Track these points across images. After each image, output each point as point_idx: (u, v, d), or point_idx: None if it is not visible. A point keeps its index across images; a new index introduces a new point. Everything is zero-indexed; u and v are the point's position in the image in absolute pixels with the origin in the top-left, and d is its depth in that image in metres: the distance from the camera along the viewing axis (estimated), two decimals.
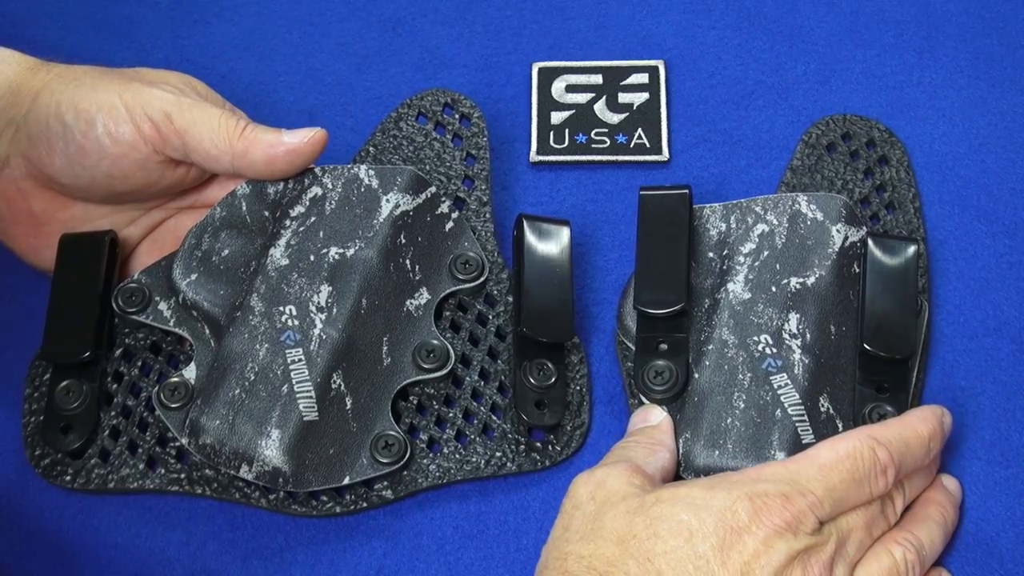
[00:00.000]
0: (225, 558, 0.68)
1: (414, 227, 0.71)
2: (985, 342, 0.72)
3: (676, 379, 0.67)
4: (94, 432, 0.69)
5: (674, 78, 0.82)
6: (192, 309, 0.69)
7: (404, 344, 0.69)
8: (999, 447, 0.69)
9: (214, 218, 0.71)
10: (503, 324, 0.71)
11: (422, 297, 0.70)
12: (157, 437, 0.69)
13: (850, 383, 0.67)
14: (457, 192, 0.75)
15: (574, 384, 0.70)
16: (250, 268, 0.69)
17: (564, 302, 0.68)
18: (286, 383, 0.65)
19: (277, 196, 0.71)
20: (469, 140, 0.76)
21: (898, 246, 0.67)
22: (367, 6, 0.86)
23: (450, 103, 0.77)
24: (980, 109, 0.80)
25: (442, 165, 0.75)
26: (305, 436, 0.65)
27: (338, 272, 0.68)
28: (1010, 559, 0.66)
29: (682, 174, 0.78)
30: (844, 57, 0.82)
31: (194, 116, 0.68)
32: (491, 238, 0.73)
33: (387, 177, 0.71)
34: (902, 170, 0.76)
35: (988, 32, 0.82)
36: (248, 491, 0.67)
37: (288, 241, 0.69)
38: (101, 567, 0.68)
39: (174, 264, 0.70)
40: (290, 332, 0.67)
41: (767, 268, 0.68)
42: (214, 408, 0.65)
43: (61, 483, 0.68)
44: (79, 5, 0.86)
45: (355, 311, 0.67)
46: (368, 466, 0.66)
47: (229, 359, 0.67)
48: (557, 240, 0.69)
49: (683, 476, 0.65)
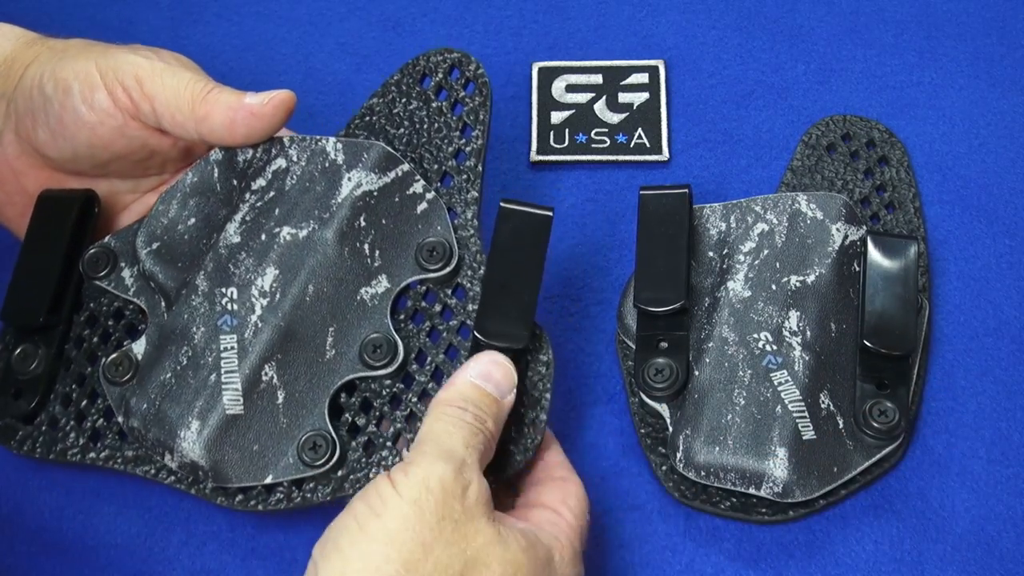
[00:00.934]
0: (225, 558, 0.68)
1: (377, 208, 0.66)
2: (985, 342, 0.72)
3: (676, 377, 0.67)
4: (45, 398, 0.67)
5: (674, 78, 0.82)
6: (150, 280, 0.67)
7: (352, 336, 0.64)
8: (999, 446, 0.69)
9: (185, 184, 0.68)
10: (469, 320, 0.65)
11: (379, 285, 0.65)
12: (103, 410, 0.67)
13: (850, 380, 0.67)
14: (445, 167, 0.69)
15: (535, 391, 0.64)
16: (210, 241, 0.66)
17: (525, 303, 0.63)
18: (215, 372, 0.63)
19: (245, 165, 0.68)
20: (469, 108, 0.70)
21: (898, 244, 0.67)
22: (367, 6, 0.86)
23: (457, 64, 0.71)
24: (980, 109, 0.80)
25: (435, 134, 0.70)
26: (226, 430, 0.62)
27: (287, 254, 0.65)
28: (1010, 559, 0.66)
29: (682, 174, 0.78)
30: (844, 57, 0.82)
31: (164, 81, 0.66)
32: (472, 221, 0.67)
33: (354, 152, 0.67)
34: (902, 170, 0.76)
35: (988, 32, 0.82)
36: (179, 475, 0.64)
37: (244, 217, 0.66)
38: (101, 567, 0.68)
39: (139, 230, 0.67)
40: (228, 316, 0.64)
41: (767, 266, 0.68)
42: (145, 391, 0.64)
43: (9, 447, 0.67)
44: (79, 5, 0.86)
45: (300, 298, 0.64)
46: (293, 466, 0.62)
47: (168, 338, 0.64)
48: (533, 230, 0.64)
49: (684, 472, 0.65)
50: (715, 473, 0.65)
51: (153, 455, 0.64)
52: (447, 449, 0.58)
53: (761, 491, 0.64)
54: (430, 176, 0.69)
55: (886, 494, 0.68)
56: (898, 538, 0.67)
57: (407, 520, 0.55)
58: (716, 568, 0.67)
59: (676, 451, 0.66)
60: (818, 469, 0.65)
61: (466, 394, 0.61)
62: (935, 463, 0.69)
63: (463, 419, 0.60)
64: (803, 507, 0.66)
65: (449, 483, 0.56)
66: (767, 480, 0.64)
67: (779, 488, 0.64)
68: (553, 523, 0.61)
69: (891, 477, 0.69)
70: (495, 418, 0.61)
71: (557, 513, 0.61)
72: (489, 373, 0.62)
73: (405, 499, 0.55)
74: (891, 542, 0.67)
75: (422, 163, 0.69)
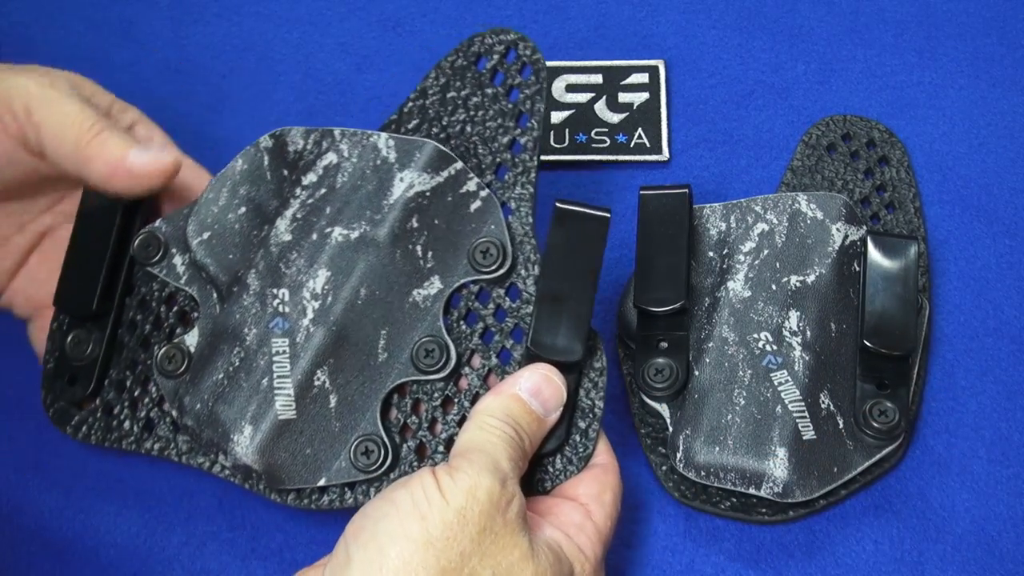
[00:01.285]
0: (225, 558, 0.68)
1: (430, 209, 0.64)
2: (985, 342, 0.72)
3: (676, 376, 0.67)
4: (99, 384, 0.67)
5: (674, 78, 0.82)
6: (201, 270, 0.66)
7: (404, 339, 0.63)
8: (1000, 446, 0.69)
9: (235, 171, 0.66)
10: (523, 322, 0.64)
11: (432, 287, 0.64)
12: (157, 399, 0.66)
13: (851, 380, 0.67)
14: (500, 159, 0.67)
15: (587, 400, 0.63)
16: (262, 232, 0.65)
17: (581, 315, 0.62)
18: (267, 376, 0.62)
19: (295, 156, 0.66)
20: (526, 95, 0.67)
21: (898, 244, 0.67)
22: (367, 6, 0.86)
23: (513, 46, 0.68)
24: (980, 109, 0.80)
25: (489, 122, 0.67)
26: (279, 435, 0.62)
27: (340, 256, 0.64)
28: (1010, 559, 0.66)
29: (682, 174, 0.78)
30: (844, 57, 0.82)
31: (52, 111, 0.64)
32: (527, 218, 0.65)
33: (406, 151, 0.65)
34: (902, 170, 0.76)
35: (988, 32, 0.82)
36: (231, 472, 0.64)
37: (295, 214, 0.65)
38: (101, 567, 0.68)
39: (190, 218, 0.66)
40: (279, 319, 0.63)
41: (767, 266, 0.68)
42: (198, 390, 0.63)
43: (65, 432, 0.67)
44: (79, 5, 0.86)
45: (352, 301, 0.63)
46: (346, 470, 0.62)
47: (220, 337, 0.64)
48: (590, 233, 0.63)
49: (684, 472, 0.65)
50: (715, 473, 0.65)
51: (207, 452, 0.64)
52: (494, 461, 0.58)
53: (761, 491, 0.64)
54: (483, 167, 0.67)
55: (886, 494, 0.68)
56: (898, 538, 0.67)
57: (450, 528, 0.55)
58: (716, 568, 0.67)
59: (676, 451, 0.66)
60: (818, 469, 0.65)
61: (511, 409, 0.61)
62: (935, 463, 0.69)
63: (505, 432, 0.60)
64: (803, 507, 0.66)
65: (495, 497, 0.56)
66: (767, 480, 0.64)
67: (779, 488, 0.64)
68: (580, 528, 0.61)
69: (891, 477, 0.69)
70: (533, 437, 0.61)
71: (588, 514, 0.62)
72: (539, 389, 0.62)
73: (451, 506, 0.55)
74: (891, 542, 0.67)
75: (475, 152, 0.67)
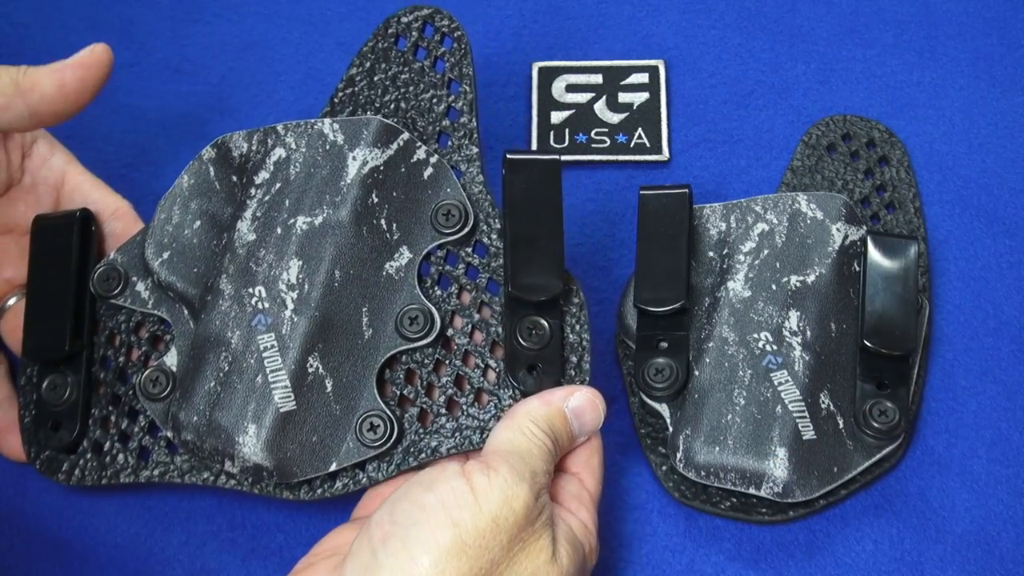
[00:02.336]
0: (225, 558, 0.68)
1: (387, 182, 0.65)
2: (985, 342, 0.72)
3: (676, 376, 0.67)
4: (84, 425, 0.67)
5: (674, 78, 0.82)
6: (168, 290, 0.66)
7: (385, 312, 0.64)
8: (1000, 446, 0.69)
9: (182, 188, 0.67)
10: (496, 276, 0.65)
11: (402, 257, 0.65)
12: (147, 427, 0.66)
13: (851, 380, 0.67)
14: (439, 127, 0.68)
15: (573, 336, 0.64)
16: (222, 241, 0.66)
17: (553, 252, 0.63)
18: (260, 373, 0.62)
19: (242, 160, 0.67)
20: (452, 63, 0.69)
21: (898, 244, 0.67)
22: (367, 6, 0.86)
23: (429, 20, 0.70)
24: (980, 109, 0.80)
25: (422, 95, 0.68)
26: (283, 428, 0.62)
27: (307, 244, 0.64)
28: (1010, 559, 0.66)
29: (682, 174, 0.78)
30: (844, 57, 0.82)
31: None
32: (478, 177, 0.67)
33: (353, 131, 0.66)
34: (902, 170, 0.76)
35: (988, 32, 0.82)
36: (239, 478, 0.64)
37: (254, 213, 0.65)
38: (101, 567, 0.68)
39: (146, 242, 0.66)
40: (261, 316, 0.63)
41: (767, 266, 0.68)
42: (192, 403, 0.63)
43: (58, 480, 0.67)
44: (79, 5, 0.86)
45: (328, 285, 0.63)
46: (355, 450, 0.63)
47: (204, 347, 0.63)
48: (544, 178, 0.63)
49: (684, 472, 0.65)
50: (715, 473, 0.65)
51: (211, 463, 0.63)
52: (532, 472, 0.58)
53: (761, 491, 0.64)
54: (426, 138, 0.68)
55: (886, 494, 0.68)
56: (898, 538, 0.67)
57: (483, 536, 0.55)
58: (716, 568, 0.67)
59: (676, 451, 0.66)
60: (818, 469, 0.65)
61: (554, 422, 0.61)
62: (935, 463, 0.69)
63: (546, 444, 0.60)
64: (803, 507, 0.66)
65: (530, 508, 0.57)
66: (767, 480, 0.64)
67: (779, 488, 0.64)
68: (579, 500, 0.62)
69: (891, 477, 0.69)
70: (563, 452, 0.62)
71: (582, 483, 0.63)
72: (584, 411, 0.62)
73: (485, 513, 0.55)
74: (891, 542, 0.67)
75: (415, 126, 0.68)
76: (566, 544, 0.58)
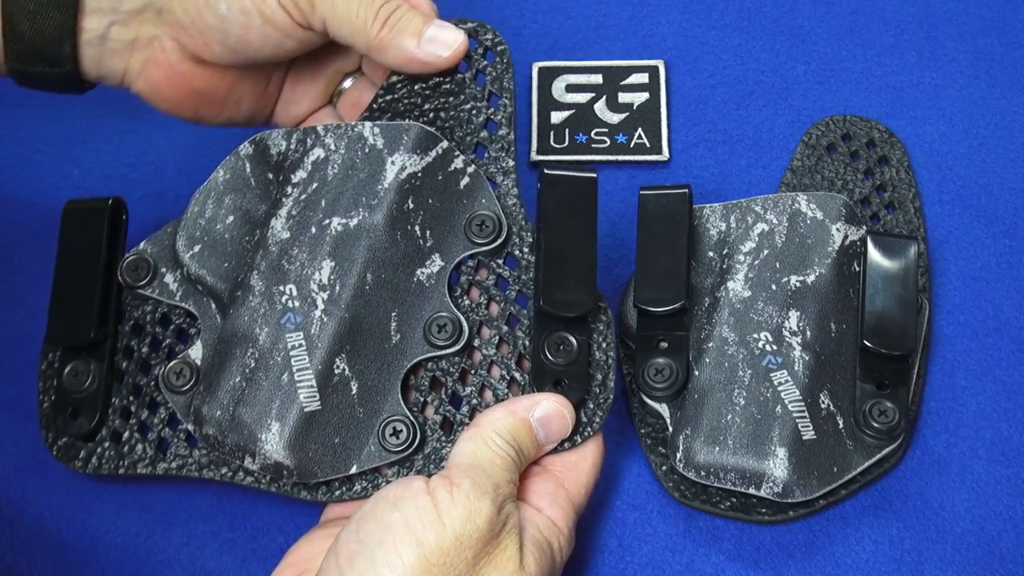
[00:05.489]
0: (225, 558, 0.68)
1: (423, 189, 0.65)
2: (985, 342, 0.72)
3: (676, 377, 0.67)
4: (104, 414, 0.67)
5: (674, 78, 0.82)
6: (197, 283, 0.66)
7: (414, 318, 0.64)
8: (1000, 446, 0.69)
9: (217, 182, 0.67)
10: (526, 289, 0.66)
11: (434, 265, 0.65)
12: (167, 418, 0.66)
13: (851, 380, 0.67)
14: (477, 138, 0.68)
15: (600, 354, 0.65)
16: (254, 237, 0.66)
17: (586, 269, 0.63)
18: (286, 371, 0.62)
19: (280, 158, 0.67)
20: (493, 76, 0.69)
21: (898, 244, 0.67)
22: None
23: (473, 34, 0.69)
24: (980, 109, 0.80)
25: (462, 106, 0.69)
26: (307, 428, 0.61)
27: (341, 245, 0.64)
28: (1010, 559, 0.66)
29: (682, 174, 0.78)
30: (844, 57, 0.82)
31: (335, 4, 0.65)
32: (513, 189, 0.67)
33: (393, 136, 0.66)
34: (902, 170, 0.76)
35: (988, 32, 0.82)
36: (258, 475, 0.64)
37: (289, 211, 0.65)
38: (101, 567, 0.68)
39: (178, 234, 0.66)
40: (291, 314, 0.63)
41: (767, 266, 0.68)
42: (215, 397, 0.63)
43: (75, 468, 0.67)
44: None
45: (359, 287, 0.63)
46: (376, 454, 0.62)
47: (231, 343, 0.63)
48: (581, 195, 0.64)
49: (684, 472, 0.65)
50: (715, 473, 0.65)
51: (231, 459, 0.63)
52: (495, 485, 0.58)
53: (761, 491, 0.64)
54: (463, 148, 0.68)
55: (886, 494, 0.68)
56: (898, 538, 0.67)
57: (448, 555, 0.55)
58: (716, 568, 0.67)
59: (676, 451, 0.66)
60: (818, 469, 0.65)
61: (518, 432, 0.61)
62: (935, 463, 0.69)
63: (509, 454, 0.60)
64: (803, 507, 0.66)
65: (494, 521, 0.57)
66: (767, 480, 0.64)
67: (779, 488, 0.64)
68: (553, 498, 0.62)
69: (891, 477, 0.69)
70: (528, 462, 0.63)
71: (560, 482, 0.63)
72: (550, 420, 0.62)
73: (449, 531, 0.56)
74: (891, 542, 0.67)
75: (453, 136, 0.68)
76: (533, 548, 0.58)
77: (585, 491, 0.64)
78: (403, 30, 0.66)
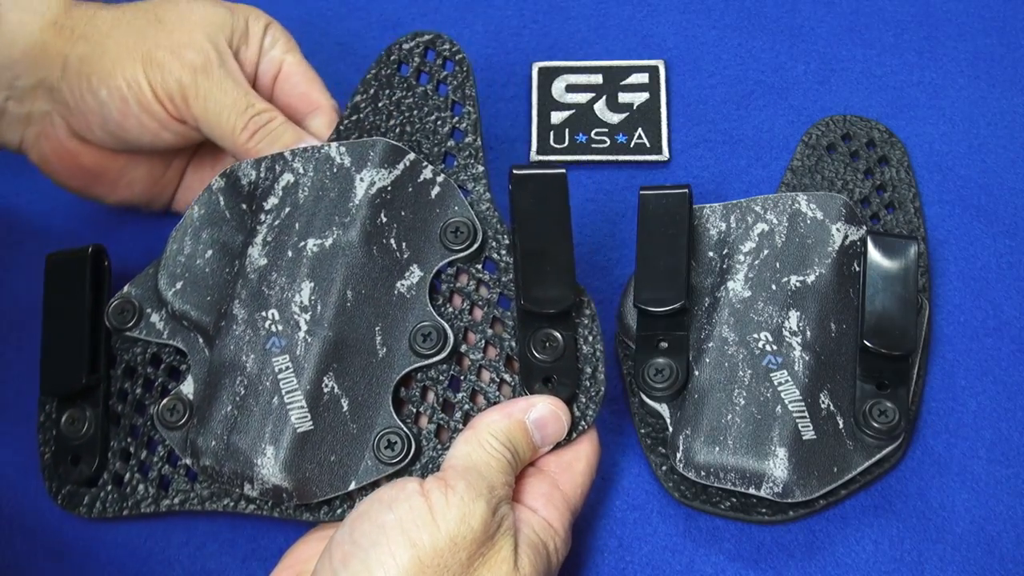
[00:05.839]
0: (225, 558, 0.69)
1: (395, 202, 0.66)
2: (985, 342, 0.72)
3: (676, 377, 0.67)
4: (104, 458, 0.68)
5: (674, 78, 0.82)
6: (182, 319, 0.67)
7: (399, 330, 0.65)
8: (1000, 447, 0.69)
9: (193, 218, 0.68)
10: (507, 290, 0.66)
11: (413, 276, 0.65)
12: (166, 456, 0.67)
13: (851, 380, 0.67)
14: (445, 148, 0.69)
15: (587, 347, 0.65)
16: (234, 268, 0.66)
17: (564, 264, 0.63)
18: (275, 395, 0.62)
19: (251, 188, 0.68)
20: (454, 86, 0.70)
21: (898, 244, 0.67)
22: (367, 6, 0.86)
23: (430, 45, 0.71)
24: (980, 109, 0.80)
25: (426, 118, 0.70)
26: (302, 448, 0.62)
27: (318, 265, 0.64)
28: (1010, 559, 0.66)
29: (682, 174, 0.78)
30: (844, 57, 0.82)
31: (207, 104, 0.68)
32: (485, 194, 0.68)
33: (359, 153, 0.67)
34: (902, 170, 0.76)
35: (988, 32, 0.82)
36: (259, 502, 0.65)
37: (264, 238, 0.66)
38: (101, 567, 0.68)
39: (159, 273, 0.67)
40: (275, 339, 0.63)
41: (767, 266, 0.68)
42: (209, 428, 0.63)
43: (79, 514, 0.67)
44: None
45: (341, 305, 0.64)
46: (373, 468, 0.63)
47: (219, 373, 0.64)
48: (551, 192, 0.64)
49: (684, 472, 0.65)
50: (715, 473, 0.65)
51: (231, 488, 0.63)
52: (490, 487, 0.59)
53: (761, 491, 0.64)
54: (432, 159, 0.69)
55: (886, 494, 0.68)
56: (898, 538, 0.67)
57: (442, 556, 0.55)
58: (716, 568, 0.67)
59: (676, 451, 0.66)
60: (818, 469, 0.65)
61: (514, 434, 0.62)
62: (935, 463, 0.69)
63: (504, 456, 0.61)
64: (803, 507, 0.66)
65: (488, 523, 0.57)
66: (767, 480, 0.64)
67: (779, 488, 0.64)
68: (548, 499, 0.62)
69: (891, 477, 0.69)
70: (524, 464, 0.63)
71: (555, 483, 0.63)
72: (546, 422, 0.63)
73: (443, 532, 0.56)
74: (891, 542, 0.67)
75: (420, 148, 0.69)
76: (528, 550, 0.59)
77: (581, 491, 0.64)
78: (273, 143, 0.68)
